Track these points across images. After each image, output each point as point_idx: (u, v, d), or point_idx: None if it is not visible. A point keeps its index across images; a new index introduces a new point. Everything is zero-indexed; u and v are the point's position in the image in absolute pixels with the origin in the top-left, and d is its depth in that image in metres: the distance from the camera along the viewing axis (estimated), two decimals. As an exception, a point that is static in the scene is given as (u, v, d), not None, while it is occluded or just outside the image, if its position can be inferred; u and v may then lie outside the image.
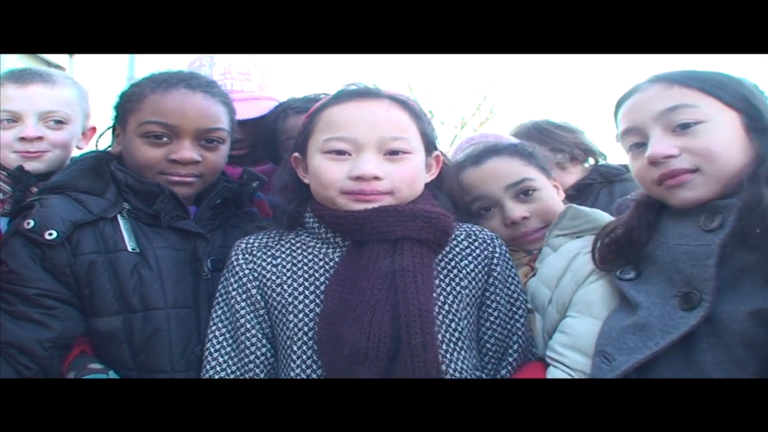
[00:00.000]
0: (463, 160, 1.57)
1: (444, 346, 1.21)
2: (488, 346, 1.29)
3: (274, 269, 1.29)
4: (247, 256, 1.32)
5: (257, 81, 1.89)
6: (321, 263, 1.28)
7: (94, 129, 1.82)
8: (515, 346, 1.29)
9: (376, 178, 1.24)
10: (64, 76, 1.82)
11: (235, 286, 1.30)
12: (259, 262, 1.30)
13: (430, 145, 1.34)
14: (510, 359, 1.28)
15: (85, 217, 1.34)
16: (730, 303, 1.03)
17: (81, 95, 1.77)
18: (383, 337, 1.14)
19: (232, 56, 1.87)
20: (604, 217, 1.37)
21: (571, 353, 1.19)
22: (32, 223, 1.30)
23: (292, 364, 1.22)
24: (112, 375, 1.29)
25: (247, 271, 1.30)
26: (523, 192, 1.47)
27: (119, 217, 1.37)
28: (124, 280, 1.31)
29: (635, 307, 1.13)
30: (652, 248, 1.17)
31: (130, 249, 1.34)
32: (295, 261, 1.29)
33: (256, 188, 1.55)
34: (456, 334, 1.23)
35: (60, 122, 1.68)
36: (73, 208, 1.34)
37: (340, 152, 1.25)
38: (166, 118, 1.39)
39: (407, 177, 1.28)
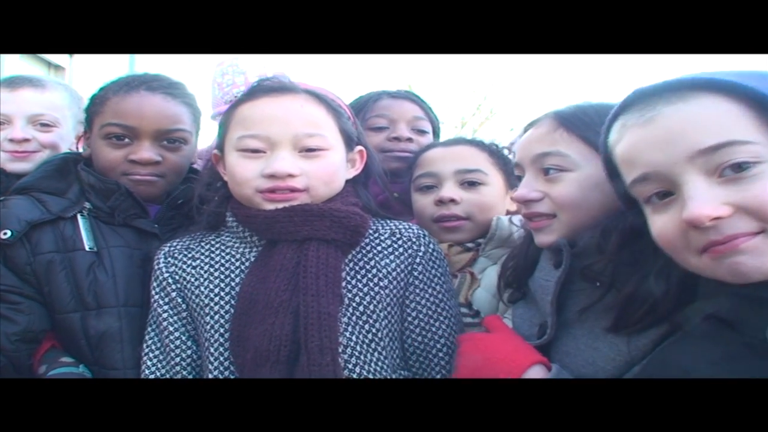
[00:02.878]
0: (435, 142, 1.68)
1: (358, 348, 1.19)
2: (407, 346, 1.27)
3: (192, 271, 1.28)
4: (168, 259, 1.31)
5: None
6: (237, 263, 1.27)
7: None
8: (441, 348, 1.26)
9: (291, 175, 1.22)
10: (57, 82, 1.88)
11: (157, 290, 1.30)
12: (179, 264, 1.30)
13: (350, 141, 1.32)
14: (437, 361, 1.25)
15: (43, 216, 1.37)
16: (572, 338, 1.10)
17: (73, 100, 1.82)
18: (284, 340, 1.13)
19: (263, 60, 1.88)
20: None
21: None
22: None
23: (210, 366, 1.21)
24: (82, 368, 1.33)
25: (166, 275, 1.29)
26: (470, 182, 1.50)
27: (79, 217, 1.40)
28: (80, 279, 1.35)
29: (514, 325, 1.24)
30: (530, 278, 1.24)
31: (87, 248, 1.37)
32: (212, 262, 1.28)
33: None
34: (370, 336, 1.21)
35: (48, 125, 1.74)
36: (32, 208, 1.38)
37: (254, 150, 1.24)
38: (125, 119, 1.42)
39: (323, 174, 1.25)
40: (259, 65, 1.88)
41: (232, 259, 1.27)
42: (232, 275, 1.25)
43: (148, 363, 1.28)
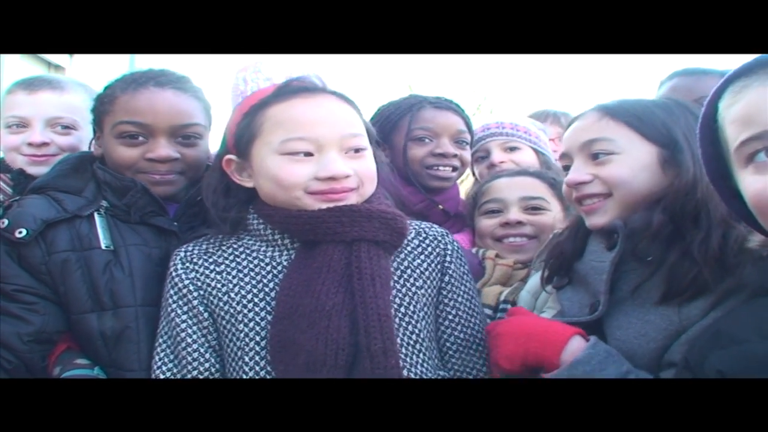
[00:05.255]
0: (499, 173, 1.85)
1: (403, 350, 1.18)
2: (449, 345, 1.27)
3: (218, 276, 1.23)
4: (187, 264, 1.25)
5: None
6: (269, 268, 1.23)
7: None
8: (480, 343, 1.27)
9: (346, 176, 1.21)
10: (75, 82, 1.84)
11: (175, 298, 1.24)
12: (201, 270, 1.25)
13: (371, 139, 1.32)
14: (478, 356, 1.27)
15: (59, 215, 1.35)
16: (624, 314, 1.19)
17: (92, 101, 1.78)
18: (341, 343, 1.11)
19: (288, 64, 1.83)
20: None
21: None
22: (6, 222, 1.33)
23: (244, 376, 1.18)
24: (97, 370, 1.30)
25: (187, 282, 1.24)
26: (533, 207, 1.67)
27: (96, 215, 1.38)
28: (96, 278, 1.32)
29: (562, 309, 1.32)
30: (577, 263, 1.33)
31: (103, 247, 1.35)
32: (240, 267, 1.24)
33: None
34: (414, 337, 1.20)
35: (67, 128, 1.71)
36: (48, 207, 1.36)
37: (301, 152, 1.21)
38: (138, 117, 1.40)
39: (370, 173, 1.26)
40: (284, 70, 1.82)
41: (262, 264, 1.23)
42: (265, 280, 1.21)
43: (160, 375, 1.23)
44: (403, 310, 1.21)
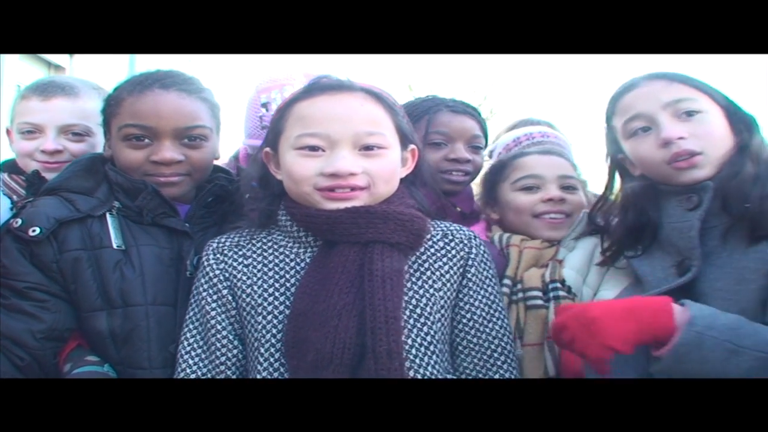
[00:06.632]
0: (529, 149, 1.87)
1: (414, 351, 1.18)
2: (461, 348, 1.27)
3: (245, 269, 1.26)
4: (218, 255, 1.29)
5: None
6: (292, 263, 1.25)
7: None
8: (496, 348, 1.26)
9: (352, 174, 1.20)
10: (90, 86, 1.82)
11: (205, 286, 1.28)
12: (230, 261, 1.28)
13: (405, 139, 1.31)
14: (493, 361, 1.26)
15: (72, 214, 1.36)
16: (716, 268, 1.23)
17: None
18: (348, 343, 1.11)
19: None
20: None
21: None
22: (20, 221, 1.34)
23: (259, 367, 1.19)
24: (107, 368, 1.32)
25: (217, 272, 1.27)
26: (569, 186, 1.69)
27: (108, 215, 1.39)
28: (106, 277, 1.34)
29: (640, 278, 1.35)
30: (650, 229, 1.38)
31: (115, 246, 1.36)
32: (266, 261, 1.26)
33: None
34: (428, 338, 1.20)
35: (80, 134, 1.71)
36: (61, 207, 1.38)
37: (314, 148, 1.21)
38: (143, 119, 1.40)
39: (384, 172, 1.24)
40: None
41: (286, 259, 1.26)
42: (287, 276, 1.24)
43: (190, 362, 1.25)
44: (418, 311, 1.21)
